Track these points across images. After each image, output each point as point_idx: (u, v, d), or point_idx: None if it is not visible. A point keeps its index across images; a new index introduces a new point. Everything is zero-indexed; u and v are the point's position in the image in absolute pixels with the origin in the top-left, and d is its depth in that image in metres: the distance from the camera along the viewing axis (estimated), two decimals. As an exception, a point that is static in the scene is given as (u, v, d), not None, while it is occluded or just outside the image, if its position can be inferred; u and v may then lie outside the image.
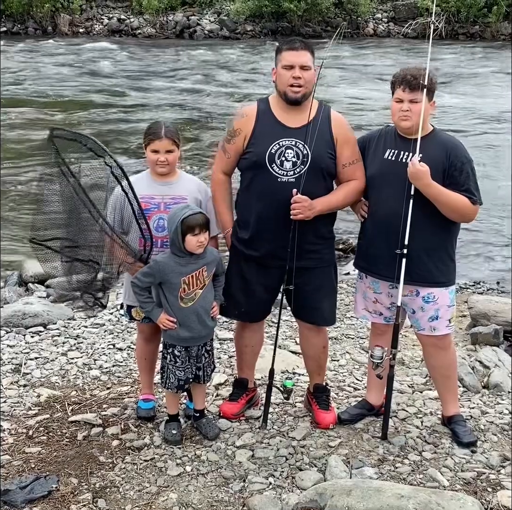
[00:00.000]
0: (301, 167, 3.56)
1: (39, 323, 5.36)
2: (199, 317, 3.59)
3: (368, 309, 3.88)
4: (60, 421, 3.97)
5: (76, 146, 3.40)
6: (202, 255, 3.54)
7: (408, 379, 4.59)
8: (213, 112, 14.87)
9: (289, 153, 3.58)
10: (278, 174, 3.58)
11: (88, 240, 3.49)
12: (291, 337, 5.25)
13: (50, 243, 3.53)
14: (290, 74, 3.55)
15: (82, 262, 3.52)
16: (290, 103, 3.60)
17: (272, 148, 3.58)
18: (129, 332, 5.25)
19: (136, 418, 3.97)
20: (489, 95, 16.64)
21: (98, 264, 3.50)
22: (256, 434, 3.85)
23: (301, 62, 3.55)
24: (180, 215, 3.46)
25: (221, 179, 3.81)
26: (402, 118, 3.55)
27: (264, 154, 3.58)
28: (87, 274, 3.53)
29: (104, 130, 13.05)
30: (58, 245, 3.53)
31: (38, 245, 3.52)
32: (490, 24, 25.98)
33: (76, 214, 3.47)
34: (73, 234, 3.51)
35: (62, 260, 3.53)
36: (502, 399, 4.36)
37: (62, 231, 3.53)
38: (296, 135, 3.58)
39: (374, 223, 3.69)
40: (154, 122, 3.84)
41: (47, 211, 3.53)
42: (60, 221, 3.53)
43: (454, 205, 3.53)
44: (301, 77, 3.54)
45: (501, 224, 8.72)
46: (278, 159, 3.57)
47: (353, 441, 3.81)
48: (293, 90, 3.56)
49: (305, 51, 3.58)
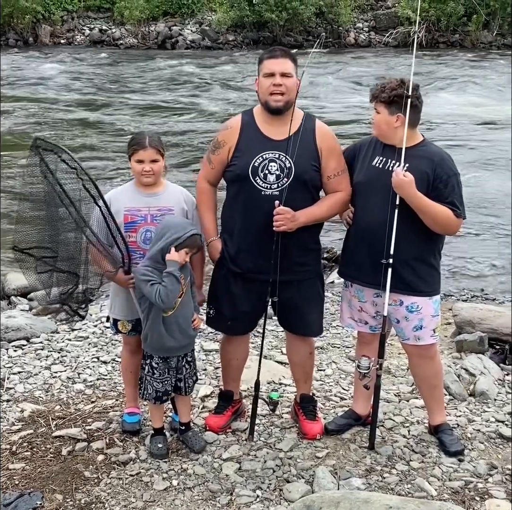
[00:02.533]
0: (284, 180, 3.55)
1: (22, 337, 5.31)
2: (179, 326, 3.56)
3: (353, 318, 3.88)
4: (44, 436, 3.92)
5: (52, 157, 3.40)
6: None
7: (394, 388, 4.58)
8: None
9: (273, 166, 3.56)
10: (262, 187, 3.57)
11: (69, 249, 3.48)
12: (277, 347, 5.23)
13: (32, 251, 3.50)
14: (270, 81, 3.52)
15: (60, 273, 3.50)
16: (272, 113, 3.58)
17: (255, 161, 3.56)
18: (114, 345, 5.21)
19: (121, 432, 3.93)
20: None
21: (77, 276, 3.48)
22: (243, 446, 3.82)
23: (282, 69, 3.53)
24: (186, 230, 3.47)
25: (205, 188, 3.79)
26: None
27: (248, 167, 3.56)
28: (67, 286, 3.51)
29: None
30: (40, 254, 3.51)
31: (20, 253, 3.50)
32: (470, 33, 26.30)
33: (59, 221, 3.47)
34: (55, 243, 3.50)
35: (38, 270, 3.50)
36: (489, 406, 4.36)
37: (44, 239, 3.52)
38: (280, 147, 3.57)
39: (358, 230, 3.69)
40: (137, 133, 3.83)
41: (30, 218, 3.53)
42: (43, 230, 3.52)
43: (438, 217, 3.53)
44: (282, 84, 3.51)
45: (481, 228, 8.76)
46: (261, 172, 3.56)
47: (341, 452, 3.80)
48: (274, 99, 3.53)
49: (286, 59, 3.56)
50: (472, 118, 15.20)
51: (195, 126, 14.59)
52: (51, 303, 3.60)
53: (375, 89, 3.61)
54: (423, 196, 3.49)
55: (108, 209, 3.45)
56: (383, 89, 3.56)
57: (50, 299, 3.56)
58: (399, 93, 3.51)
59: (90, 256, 3.48)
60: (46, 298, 3.57)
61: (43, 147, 3.43)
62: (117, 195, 3.72)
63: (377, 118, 3.60)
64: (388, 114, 3.55)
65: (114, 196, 3.69)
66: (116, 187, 3.95)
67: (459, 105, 16.46)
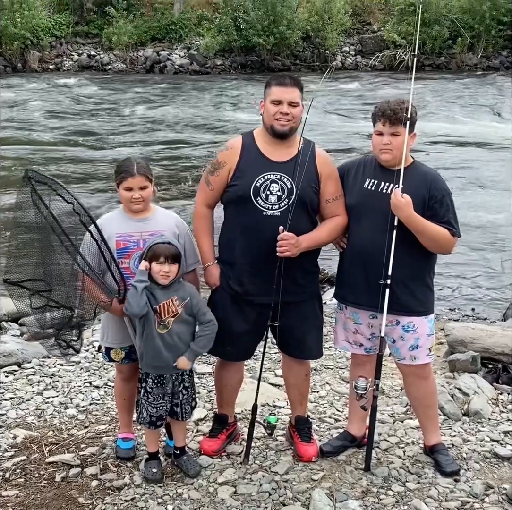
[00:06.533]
0: (286, 201, 3.57)
1: (13, 362, 5.26)
2: (173, 345, 3.53)
3: (348, 340, 3.88)
4: (37, 462, 3.88)
5: (46, 190, 3.39)
6: (171, 287, 3.52)
7: (389, 409, 4.57)
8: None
9: (274, 187, 3.58)
10: (263, 208, 3.58)
11: (62, 281, 3.46)
12: (270, 369, 5.21)
13: (25, 284, 3.48)
14: (277, 109, 3.57)
15: (54, 308, 3.49)
16: (277, 137, 3.61)
17: (257, 181, 3.58)
18: (106, 369, 5.17)
19: (115, 457, 3.90)
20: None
21: (71, 310, 3.47)
22: (238, 470, 3.79)
23: (290, 98, 3.57)
24: (150, 242, 3.50)
25: (204, 212, 3.79)
26: (383, 151, 3.58)
27: (249, 187, 3.58)
28: (61, 320, 3.50)
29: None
30: (34, 287, 3.49)
31: (12, 285, 3.48)
32: (455, 55, 26.63)
33: (52, 252, 3.45)
34: (48, 275, 3.48)
35: (32, 306, 3.48)
36: (483, 426, 4.36)
37: (37, 271, 3.49)
38: (281, 169, 3.60)
39: (353, 253, 3.69)
40: (124, 159, 3.77)
41: (22, 249, 3.51)
42: (36, 262, 3.50)
43: (435, 236, 3.55)
44: (289, 113, 3.56)
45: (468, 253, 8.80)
46: (263, 193, 3.57)
47: (336, 474, 3.78)
48: (280, 123, 3.57)
49: (294, 88, 3.61)
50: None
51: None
52: (43, 336, 3.58)
53: (388, 112, 3.52)
54: (421, 217, 3.51)
55: (101, 235, 3.43)
56: (396, 110, 3.52)
57: (43, 331, 3.54)
58: (413, 112, 3.53)
59: (84, 286, 3.46)
60: (38, 331, 3.55)
61: (35, 179, 3.42)
62: (107, 221, 3.69)
63: (399, 141, 3.53)
64: (408, 135, 3.54)
65: (103, 222, 3.65)
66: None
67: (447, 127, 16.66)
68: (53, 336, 3.54)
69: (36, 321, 3.56)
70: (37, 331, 3.60)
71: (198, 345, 3.60)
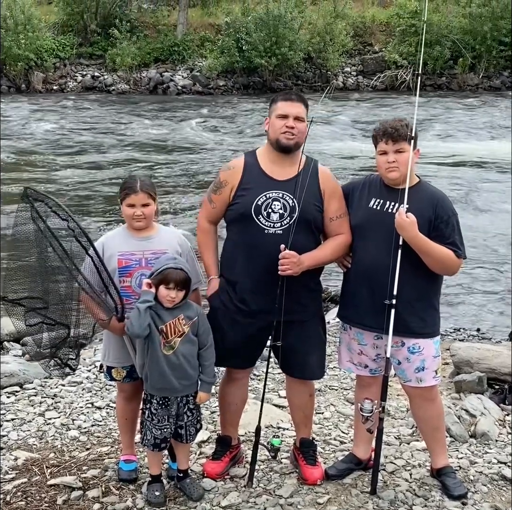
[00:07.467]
0: (288, 219, 3.55)
1: (15, 383, 5.21)
2: (179, 366, 3.50)
3: (353, 361, 3.83)
4: (39, 485, 3.82)
5: (42, 207, 3.39)
6: (177, 306, 3.49)
7: (395, 431, 4.52)
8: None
9: (276, 205, 3.56)
10: (265, 226, 3.56)
11: (60, 298, 3.43)
12: (274, 390, 5.16)
13: (22, 302, 3.46)
14: (283, 123, 3.58)
15: (50, 325, 3.46)
16: (282, 151, 3.61)
17: (258, 199, 3.57)
18: (108, 390, 5.13)
19: (117, 480, 3.84)
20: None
21: (68, 328, 3.44)
22: (242, 493, 3.74)
23: (296, 113, 3.59)
24: (162, 264, 3.46)
25: (207, 227, 3.81)
26: (390, 170, 3.56)
27: (251, 206, 3.57)
28: (57, 338, 3.47)
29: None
30: (30, 305, 3.47)
31: (10, 303, 3.45)
32: (456, 76, 26.74)
33: (50, 269, 3.43)
34: (45, 292, 3.45)
35: (27, 323, 3.46)
36: (490, 448, 4.30)
37: (34, 288, 3.47)
38: (283, 187, 3.58)
39: (358, 273, 3.66)
40: (129, 176, 3.82)
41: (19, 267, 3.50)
42: (34, 280, 3.48)
43: (439, 257, 3.52)
44: (294, 127, 3.57)
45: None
46: (264, 211, 3.56)
47: (342, 497, 3.72)
48: (286, 137, 3.57)
49: (300, 103, 3.63)
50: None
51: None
52: (41, 356, 3.55)
53: (390, 130, 3.51)
54: (425, 237, 3.48)
55: (99, 257, 3.41)
56: (397, 127, 3.52)
57: (41, 351, 3.51)
58: (415, 129, 3.53)
59: (82, 304, 3.44)
60: (37, 351, 3.53)
61: (34, 197, 3.42)
62: (110, 239, 3.69)
63: (405, 157, 3.51)
64: (412, 151, 3.53)
65: (106, 240, 3.66)
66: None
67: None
68: (50, 356, 3.51)
69: (32, 340, 3.54)
70: (37, 351, 3.57)
71: (209, 376, 3.61)
